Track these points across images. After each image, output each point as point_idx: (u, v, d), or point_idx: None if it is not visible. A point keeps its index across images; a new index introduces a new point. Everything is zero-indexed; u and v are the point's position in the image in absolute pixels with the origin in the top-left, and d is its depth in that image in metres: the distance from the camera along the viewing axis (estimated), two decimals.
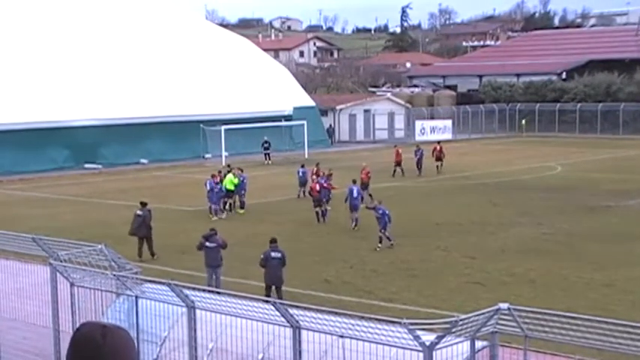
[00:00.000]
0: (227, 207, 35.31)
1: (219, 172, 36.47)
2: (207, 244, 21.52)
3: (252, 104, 63.12)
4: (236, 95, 63.32)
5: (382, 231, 27.46)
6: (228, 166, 39.71)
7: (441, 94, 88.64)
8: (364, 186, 35.92)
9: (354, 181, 32.71)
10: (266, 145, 56.78)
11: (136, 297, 13.65)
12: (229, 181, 35.12)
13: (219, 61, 66.21)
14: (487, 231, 30.14)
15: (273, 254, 20.33)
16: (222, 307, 12.27)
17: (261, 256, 20.43)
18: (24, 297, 17.63)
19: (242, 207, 35.18)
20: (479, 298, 20.12)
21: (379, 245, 27.32)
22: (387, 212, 27.61)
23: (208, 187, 33.85)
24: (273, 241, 20.74)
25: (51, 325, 15.08)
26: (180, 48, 65.52)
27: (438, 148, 48.84)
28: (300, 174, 38.86)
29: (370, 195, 35.37)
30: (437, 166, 48.15)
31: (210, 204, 33.99)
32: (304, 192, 37.39)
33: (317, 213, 32.74)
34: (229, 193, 35.31)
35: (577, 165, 51.89)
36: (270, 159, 56.09)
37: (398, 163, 46.25)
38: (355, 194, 31.26)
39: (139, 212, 26.44)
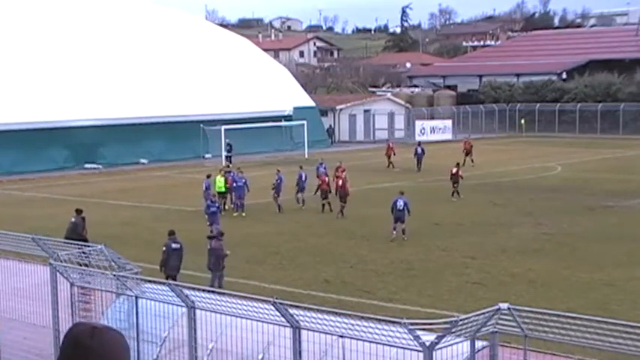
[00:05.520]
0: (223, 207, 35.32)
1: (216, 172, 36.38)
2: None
3: (252, 104, 63.11)
4: (236, 95, 63.31)
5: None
6: (227, 167, 39.67)
7: (441, 94, 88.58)
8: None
9: (301, 167, 38.23)
10: (228, 148, 55.50)
11: (136, 297, 13.64)
12: (218, 182, 35.23)
13: (219, 61, 66.20)
14: (487, 231, 30.13)
15: (173, 245, 20.86)
16: (222, 307, 12.27)
17: (163, 249, 20.99)
18: (24, 297, 17.62)
19: (242, 209, 34.93)
20: (479, 298, 20.13)
21: (403, 237, 28.37)
22: (398, 203, 28.58)
23: (204, 187, 33.91)
24: (172, 233, 21.40)
25: (51, 325, 15.07)
26: (180, 48, 65.52)
27: (469, 143, 52.39)
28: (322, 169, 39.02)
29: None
30: (470, 160, 50.88)
31: (210, 226, 28.67)
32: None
33: (323, 205, 34.51)
34: (222, 194, 35.27)
35: (577, 165, 51.86)
36: (230, 162, 52.20)
37: (389, 157, 50.58)
38: (303, 178, 36.08)
39: (72, 219, 25.29)
